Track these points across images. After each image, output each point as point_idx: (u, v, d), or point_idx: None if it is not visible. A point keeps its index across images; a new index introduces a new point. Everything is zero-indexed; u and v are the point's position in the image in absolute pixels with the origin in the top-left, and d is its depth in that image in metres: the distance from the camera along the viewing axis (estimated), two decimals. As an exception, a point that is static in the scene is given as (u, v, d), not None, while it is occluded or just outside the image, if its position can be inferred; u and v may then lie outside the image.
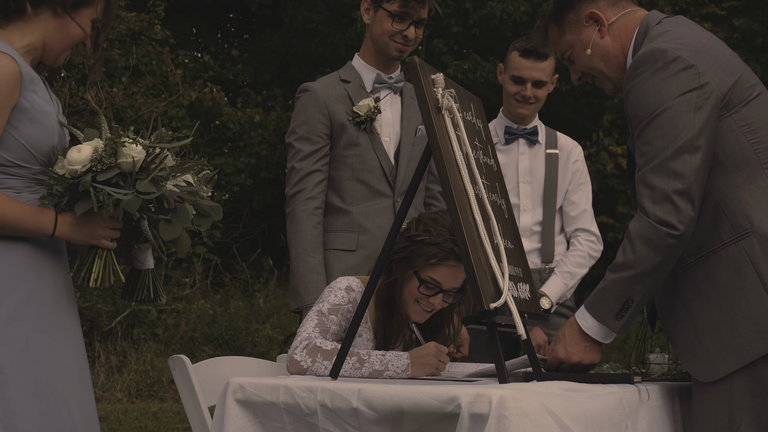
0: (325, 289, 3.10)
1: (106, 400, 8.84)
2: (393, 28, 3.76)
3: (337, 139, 3.79)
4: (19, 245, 2.78)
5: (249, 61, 14.60)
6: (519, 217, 4.13)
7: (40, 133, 2.80)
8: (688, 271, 2.71)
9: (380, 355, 2.83)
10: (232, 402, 2.56)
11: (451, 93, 2.63)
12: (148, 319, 10.06)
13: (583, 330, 2.75)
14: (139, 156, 2.70)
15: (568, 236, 4.22)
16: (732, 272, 2.65)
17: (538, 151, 4.20)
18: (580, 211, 4.20)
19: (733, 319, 2.63)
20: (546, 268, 4.12)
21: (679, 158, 2.61)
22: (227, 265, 12.07)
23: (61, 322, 2.85)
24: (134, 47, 10.96)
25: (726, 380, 2.64)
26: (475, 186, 2.61)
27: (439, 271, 2.97)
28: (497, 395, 2.21)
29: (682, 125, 2.62)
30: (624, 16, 2.89)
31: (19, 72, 2.75)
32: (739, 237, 2.65)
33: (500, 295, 2.49)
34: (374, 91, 3.86)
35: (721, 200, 2.68)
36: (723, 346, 2.64)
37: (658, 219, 2.61)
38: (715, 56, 2.72)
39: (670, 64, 2.66)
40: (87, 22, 2.91)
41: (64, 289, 2.88)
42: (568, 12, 2.92)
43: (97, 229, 2.80)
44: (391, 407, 2.35)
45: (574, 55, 2.93)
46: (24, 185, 2.80)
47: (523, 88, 4.11)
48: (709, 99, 2.65)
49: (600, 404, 2.45)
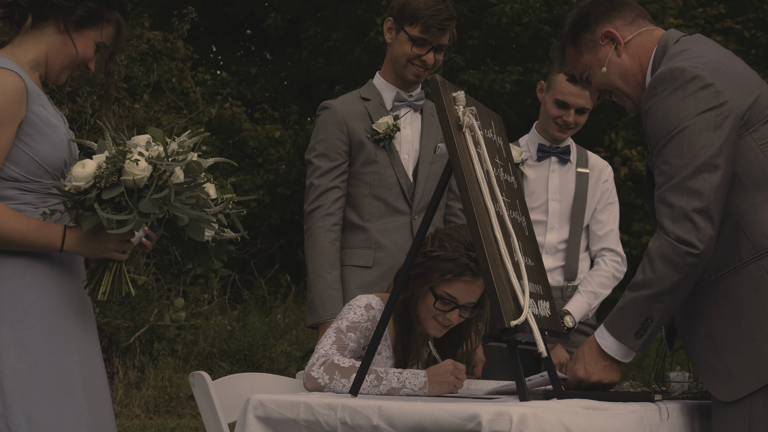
0: (345, 307, 3.11)
1: (125, 416, 8.85)
2: (412, 52, 3.78)
3: (356, 156, 3.80)
4: (40, 260, 2.80)
5: (268, 78, 14.66)
6: (545, 234, 4.12)
7: (50, 147, 2.81)
8: (708, 289, 2.70)
9: (397, 373, 2.83)
10: (252, 419, 2.56)
11: (472, 111, 2.64)
12: (166, 335, 10.08)
13: (602, 349, 2.74)
14: (141, 174, 2.67)
15: (593, 255, 4.22)
16: (752, 291, 2.63)
17: (569, 169, 4.20)
18: (607, 230, 4.20)
19: (754, 338, 2.61)
20: (569, 286, 4.12)
21: (698, 177, 2.60)
22: (245, 281, 12.08)
23: (83, 337, 2.87)
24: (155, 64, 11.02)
25: (746, 400, 2.62)
26: (495, 203, 2.62)
27: (455, 286, 2.99)
28: (518, 413, 2.21)
29: (701, 144, 2.62)
30: (641, 35, 2.89)
31: (24, 87, 2.76)
32: (759, 256, 2.64)
33: (521, 313, 2.49)
34: (394, 109, 3.88)
35: (741, 219, 2.67)
36: (743, 366, 2.62)
37: (678, 238, 2.60)
38: (734, 75, 2.72)
39: (689, 83, 2.66)
40: (90, 43, 2.92)
41: (83, 303, 2.89)
42: (584, 33, 2.93)
43: (107, 243, 2.79)
44: (412, 425, 2.35)
45: (591, 74, 2.94)
46: (39, 200, 2.81)
47: (566, 113, 4.09)
48: (728, 118, 2.64)
49: (620, 423, 2.44)
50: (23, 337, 2.73)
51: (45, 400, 2.73)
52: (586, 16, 2.93)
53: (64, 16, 2.86)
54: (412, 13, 3.75)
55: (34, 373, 2.73)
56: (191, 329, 10.29)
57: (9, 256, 2.76)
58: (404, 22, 3.77)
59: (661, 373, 3.05)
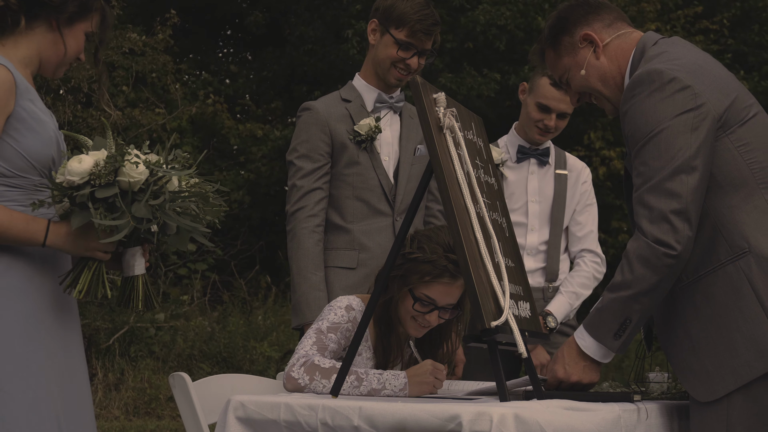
0: (325, 308, 3.11)
1: (104, 418, 8.82)
2: (397, 55, 3.78)
3: (338, 158, 3.80)
4: (22, 259, 2.77)
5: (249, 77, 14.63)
6: (526, 236, 4.14)
7: (39, 143, 2.78)
8: (686, 291, 2.72)
9: (378, 374, 2.84)
10: (233, 420, 2.56)
11: (452, 112, 2.65)
12: (145, 336, 10.04)
13: (581, 350, 2.75)
14: (137, 178, 2.64)
15: (572, 256, 4.24)
16: (730, 292, 2.65)
17: (548, 171, 4.22)
18: (586, 232, 4.22)
19: (732, 339, 2.63)
20: (550, 287, 4.14)
21: (675, 178, 2.62)
22: (225, 282, 12.05)
23: (63, 339, 2.85)
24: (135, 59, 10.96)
25: (724, 400, 2.64)
26: (476, 204, 2.63)
27: (434, 288, 2.99)
28: (498, 413, 2.22)
29: (678, 146, 2.63)
30: (619, 37, 2.91)
31: (12, 80, 2.74)
32: (736, 257, 2.66)
33: (501, 314, 2.50)
34: (375, 110, 3.88)
35: (719, 220, 2.69)
36: (721, 366, 2.64)
37: (656, 239, 2.62)
38: (712, 77, 2.74)
39: (666, 85, 2.68)
40: (81, 36, 2.92)
41: (65, 302, 2.87)
42: (563, 36, 2.94)
43: (92, 242, 2.75)
44: (392, 425, 2.36)
45: (571, 77, 2.95)
46: (26, 197, 2.78)
47: (547, 117, 4.11)
48: (705, 120, 2.66)
49: (597, 423, 2.45)
50: (2, 339, 2.71)
51: (18, 403, 2.70)
52: (564, 20, 2.94)
53: (56, 14, 2.85)
54: (398, 17, 3.74)
55: (7, 377, 2.70)
56: (171, 331, 10.26)
57: None
58: (390, 25, 3.77)
59: (640, 374, 3.07)
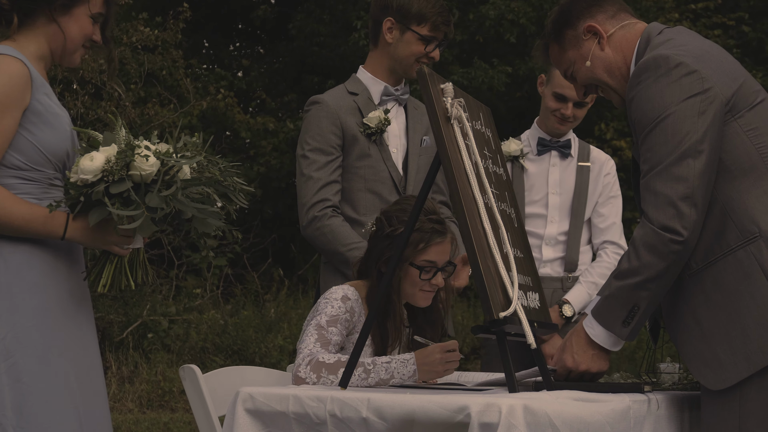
0: (321, 301, 3.10)
1: (118, 411, 8.85)
2: (423, 51, 3.81)
3: (350, 150, 3.80)
4: (38, 254, 2.79)
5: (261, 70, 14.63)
6: (545, 226, 4.14)
7: (54, 136, 2.81)
8: (695, 277, 2.70)
9: (385, 363, 2.84)
10: (241, 411, 2.56)
11: (460, 102, 2.64)
12: (159, 329, 10.07)
13: (590, 338, 2.74)
14: (149, 170, 2.68)
15: (595, 248, 4.24)
16: (741, 277, 2.63)
17: (570, 163, 4.22)
18: (609, 223, 4.22)
19: (744, 324, 2.61)
20: (569, 277, 4.15)
21: (682, 163, 2.60)
22: (238, 275, 12.07)
23: (79, 332, 2.87)
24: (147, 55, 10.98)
25: (736, 391, 2.62)
26: (484, 195, 2.62)
27: (431, 251, 3.07)
28: (507, 404, 2.21)
29: (685, 130, 2.62)
30: (623, 28, 2.90)
31: (28, 74, 2.77)
32: (747, 241, 2.63)
33: (510, 304, 2.49)
34: (381, 103, 3.90)
35: (728, 205, 2.67)
36: (733, 353, 2.62)
37: (662, 225, 2.60)
38: (718, 62, 2.72)
39: (672, 70, 2.66)
40: (83, 20, 2.91)
41: (80, 296, 2.89)
42: (567, 29, 2.94)
43: (109, 236, 2.79)
44: (401, 416, 2.35)
45: (576, 70, 2.95)
46: (41, 191, 2.81)
47: (564, 106, 4.12)
48: (712, 103, 2.64)
49: (606, 414, 2.44)
50: (18, 329, 2.73)
51: (37, 394, 2.72)
52: (567, 13, 2.94)
53: (48, 5, 2.85)
54: (419, 14, 3.78)
55: (27, 367, 2.72)
56: (184, 324, 10.28)
57: (6, 247, 2.76)
58: (410, 23, 3.79)
59: (651, 364, 3.06)
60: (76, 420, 2.79)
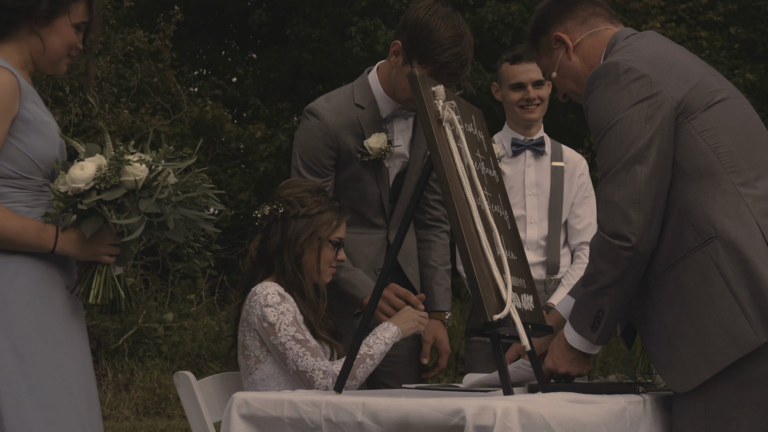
0: (270, 314, 3.06)
1: (114, 419, 8.83)
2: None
3: (342, 170, 3.60)
4: (32, 260, 2.79)
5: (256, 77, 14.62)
6: (525, 229, 4.15)
7: (44, 144, 2.81)
8: (660, 280, 2.69)
9: (374, 338, 3.10)
10: (236, 417, 2.56)
11: (451, 105, 2.64)
12: (154, 336, 10.06)
13: (568, 342, 2.76)
14: (141, 175, 2.70)
15: (572, 249, 4.24)
16: (699, 279, 2.61)
17: (544, 163, 4.23)
18: (585, 224, 4.23)
19: (703, 326, 2.59)
20: (552, 279, 4.15)
21: (630, 169, 2.61)
22: (233, 281, 12.06)
23: (73, 339, 2.87)
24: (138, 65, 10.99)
25: (702, 392, 2.60)
26: (477, 197, 2.61)
27: (341, 228, 3.27)
28: (502, 407, 2.21)
29: (633, 136, 2.62)
30: (591, 35, 2.91)
31: (16, 83, 2.76)
32: (704, 242, 2.62)
33: (503, 307, 2.48)
34: (387, 120, 3.62)
35: (686, 207, 2.66)
36: (695, 355, 2.60)
37: (611, 232, 2.61)
38: (671, 64, 2.72)
39: (621, 76, 2.67)
40: (65, 30, 2.90)
41: (73, 305, 2.89)
42: (541, 36, 2.97)
43: (99, 246, 2.81)
44: (396, 420, 2.35)
45: (551, 76, 2.97)
46: (31, 198, 2.81)
47: (525, 92, 4.17)
48: (660, 107, 2.64)
49: (601, 416, 2.44)
50: (16, 340, 2.73)
51: (38, 403, 2.72)
52: (542, 19, 2.98)
53: (28, 17, 2.85)
54: (425, 52, 3.34)
55: (27, 377, 2.72)
56: (179, 330, 10.27)
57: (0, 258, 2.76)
58: (414, 56, 3.37)
59: (646, 366, 3.05)
60: (80, 426, 2.79)
